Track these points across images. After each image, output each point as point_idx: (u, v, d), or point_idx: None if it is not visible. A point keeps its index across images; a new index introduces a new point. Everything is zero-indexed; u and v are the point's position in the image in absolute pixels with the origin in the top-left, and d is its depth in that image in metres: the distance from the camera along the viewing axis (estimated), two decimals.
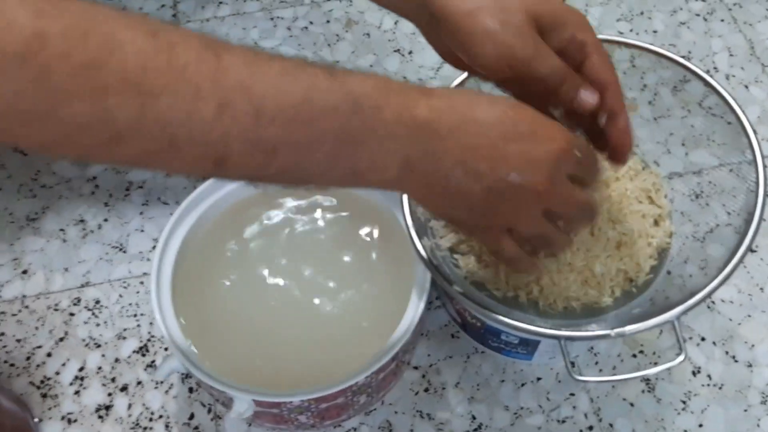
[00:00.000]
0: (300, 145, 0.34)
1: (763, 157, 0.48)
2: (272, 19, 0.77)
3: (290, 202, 0.57)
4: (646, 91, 0.59)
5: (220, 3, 0.78)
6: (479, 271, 0.51)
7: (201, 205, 0.55)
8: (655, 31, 0.76)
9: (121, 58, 0.29)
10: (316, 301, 0.53)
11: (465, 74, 0.53)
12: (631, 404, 0.56)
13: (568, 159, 0.40)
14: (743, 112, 0.49)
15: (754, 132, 0.49)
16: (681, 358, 0.44)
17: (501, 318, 0.45)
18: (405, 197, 0.49)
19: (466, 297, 0.47)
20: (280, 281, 0.54)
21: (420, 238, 0.48)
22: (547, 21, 0.43)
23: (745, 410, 0.56)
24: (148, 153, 0.32)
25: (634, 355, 0.58)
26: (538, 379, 0.57)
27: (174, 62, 0.30)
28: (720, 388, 0.57)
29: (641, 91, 0.59)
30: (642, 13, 0.77)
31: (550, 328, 0.45)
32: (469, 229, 0.44)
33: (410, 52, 0.75)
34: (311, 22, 0.77)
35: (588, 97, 0.43)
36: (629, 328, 0.43)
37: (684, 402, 0.56)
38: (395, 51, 0.75)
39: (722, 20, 0.76)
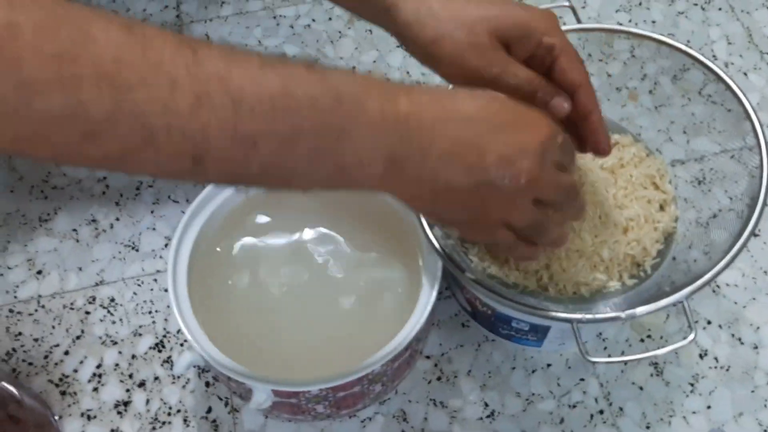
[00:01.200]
0: (281, 138, 0.34)
1: (766, 142, 0.49)
2: (275, 17, 0.78)
3: (297, 201, 0.58)
4: (646, 80, 0.60)
5: (223, 3, 0.79)
6: (489, 259, 0.52)
7: (213, 202, 0.56)
8: (653, 21, 0.77)
9: (95, 50, 0.29)
10: (329, 293, 0.54)
11: None
12: (641, 388, 0.57)
13: (552, 145, 0.41)
14: (745, 96, 0.50)
15: (757, 117, 0.50)
16: (691, 336, 0.45)
17: (513, 303, 0.46)
18: None
19: (479, 284, 0.47)
20: (293, 274, 0.55)
21: (431, 227, 0.49)
22: (512, 34, 0.44)
23: (752, 391, 0.57)
24: (123, 150, 0.31)
25: (642, 340, 0.59)
26: (548, 365, 0.58)
27: (149, 55, 0.30)
28: (727, 370, 0.58)
29: (641, 80, 0.59)
30: (640, 4, 0.78)
31: (562, 313, 0.46)
32: (463, 228, 0.45)
33: None
34: (313, 20, 0.78)
35: (560, 105, 0.44)
36: (640, 310, 0.44)
37: (692, 384, 0.57)
38: (398, 47, 0.76)
39: (720, 9, 0.77)
